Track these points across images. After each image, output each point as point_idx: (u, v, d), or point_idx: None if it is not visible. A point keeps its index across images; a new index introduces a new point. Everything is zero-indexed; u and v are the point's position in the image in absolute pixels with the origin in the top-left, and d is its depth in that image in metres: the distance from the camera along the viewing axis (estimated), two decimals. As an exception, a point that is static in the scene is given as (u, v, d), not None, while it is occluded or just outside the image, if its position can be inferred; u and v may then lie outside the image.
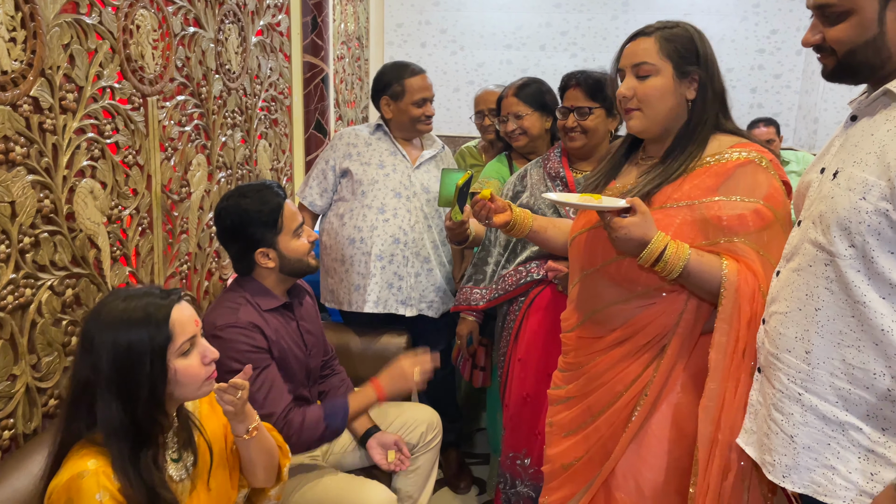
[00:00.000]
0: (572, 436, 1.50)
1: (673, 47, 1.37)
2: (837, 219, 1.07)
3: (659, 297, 1.37)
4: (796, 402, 1.16)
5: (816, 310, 1.12)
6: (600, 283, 1.44)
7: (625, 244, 1.29)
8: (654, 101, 1.37)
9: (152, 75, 1.72)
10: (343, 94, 3.66)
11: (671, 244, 1.28)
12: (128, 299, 1.15)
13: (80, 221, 1.47)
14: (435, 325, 2.36)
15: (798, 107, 4.84)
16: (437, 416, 2.02)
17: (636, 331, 1.39)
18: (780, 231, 1.31)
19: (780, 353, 1.19)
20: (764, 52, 4.78)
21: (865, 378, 1.07)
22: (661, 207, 1.36)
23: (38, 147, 1.34)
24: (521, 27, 4.95)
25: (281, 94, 2.68)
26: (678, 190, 1.36)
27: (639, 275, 1.36)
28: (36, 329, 1.36)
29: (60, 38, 1.38)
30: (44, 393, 1.40)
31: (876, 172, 1.03)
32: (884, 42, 1.05)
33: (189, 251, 1.97)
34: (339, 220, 2.28)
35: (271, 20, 2.54)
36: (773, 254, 1.30)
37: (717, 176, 1.34)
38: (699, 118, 1.38)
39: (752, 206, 1.31)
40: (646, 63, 1.37)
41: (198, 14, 1.95)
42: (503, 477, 2.02)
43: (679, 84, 1.37)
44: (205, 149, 2.04)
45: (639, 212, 1.27)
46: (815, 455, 1.14)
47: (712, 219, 1.32)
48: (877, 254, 1.03)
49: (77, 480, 1.06)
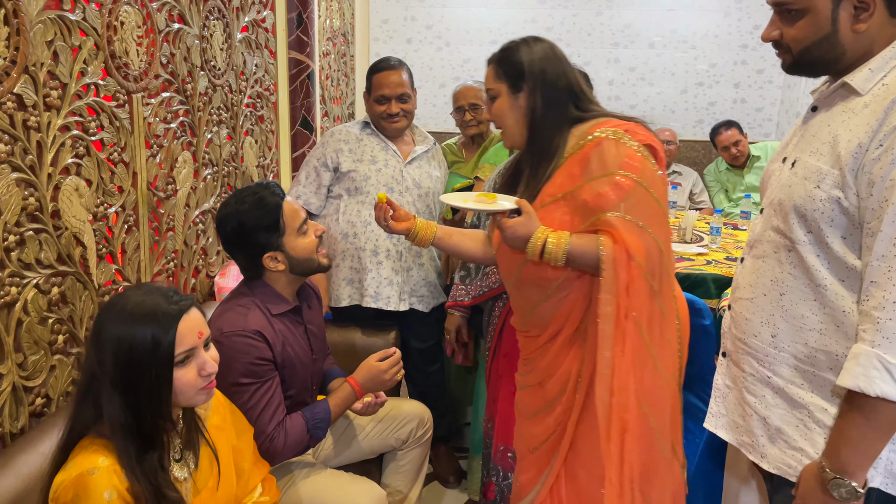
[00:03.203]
0: (534, 419, 1.57)
1: (503, 70, 1.50)
2: (794, 206, 1.12)
3: (571, 286, 1.45)
4: (766, 385, 1.21)
5: (781, 294, 1.17)
6: (523, 288, 1.54)
7: (514, 242, 1.40)
8: (502, 120, 1.52)
9: (137, 72, 1.71)
10: (329, 91, 3.65)
11: (551, 235, 1.38)
12: (143, 295, 1.14)
13: (66, 219, 1.46)
14: (425, 320, 2.37)
15: (781, 101, 4.89)
16: (428, 412, 2.03)
17: (562, 324, 1.47)
18: (645, 194, 1.38)
19: (746, 339, 1.24)
20: (747, 47, 4.82)
21: (828, 360, 1.12)
22: (542, 206, 1.46)
23: (23, 144, 1.33)
24: (506, 23, 4.95)
25: (267, 91, 2.67)
26: (553, 185, 1.46)
27: (545, 271, 1.45)
28: (22, 328, 1.36)
29: (44, 34, 1.37)
30: (30, 392, 1.39)
31: (829, 162, 1.09)
32: (837, 39, 1.10)
33: (176, 248, 1.96)
34: (333, 216, 2.29)
35: (256, 16, 2.53)
36: (641, 216, 1.37)
37: (580, 162, 1.43)
38: (540, 122, 1.48)
39: (611, 180, 1.37)
40: (490, 88, 1.54)
41: (182, 10, 1.94)
42: (495, 469, 2.03)
43: (515, 99, 1.49)
44: (191, 146, 2.03)
45: (524, 211, 1.39)
46: (786, 437, 1.18)
47: (582, 203, 1.41)
48: (831, 239, 1.09)
49: (87, 477, 1.05)
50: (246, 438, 1.42)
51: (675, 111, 4.96)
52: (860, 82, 1.09)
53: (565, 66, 1.50)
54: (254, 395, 1.53)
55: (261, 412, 1.53)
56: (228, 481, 1.30)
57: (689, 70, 4.90)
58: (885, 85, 1.06)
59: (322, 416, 1.64)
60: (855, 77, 1.10)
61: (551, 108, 1.47)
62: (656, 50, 4.90)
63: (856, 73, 1.10)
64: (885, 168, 1.01)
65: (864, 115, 1.06)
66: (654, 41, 4.90)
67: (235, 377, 1.50)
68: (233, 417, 1.40)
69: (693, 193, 4.16)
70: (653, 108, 4.95)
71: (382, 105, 2.25)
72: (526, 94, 1.48)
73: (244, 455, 1.39)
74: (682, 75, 4.92)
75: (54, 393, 1.46)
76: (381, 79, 2.24)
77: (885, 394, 0.98)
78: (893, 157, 1.00)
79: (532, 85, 1.47)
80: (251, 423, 1.48)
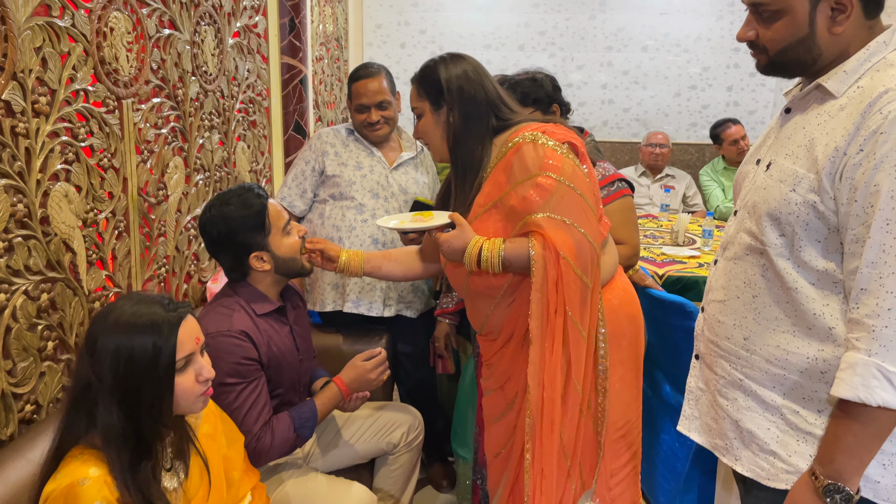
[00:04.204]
0: (498, 423, 1.60)
1: (424, 89, 1.57)
2: (769, 209, 1.12)
3: (517, 291, 1.49)
4: (738, 388, 1.20)
5: (754, 297, 1.17)
6: (473, 298, 1.58)
7: (451, 255, 1.47)
8: (427, 136, 1.59)
9: (127, 78, 1.71)
10: (322, 96, 3.65)
11: (486, 243, 1.44)
12: (137, 304, 1.14)
13: (55, 225, 1.46)
14: (413, 326, 2.37)
15: (773, 104, 4.91)
16: (419, 416, 2.03)
17: (513, 328, 1.51)
18: (568, 191, 1.41)
19: (719, 341, 1.24)
20: (739, 50, 4.84)
21: (799, 362, 1.12)
22: (475, 217, 1.50)
23: (11, 151, 1.32)
24: (499, 27, 4.97)
25: (259, 96, 2.68)
26: (482, 195, 1.51)
27: (489, 279, 1.49)
28: (11, 334, 1.35)
29: (32, 41, 1.37)
30: (20, 399, 1.39)
31: (805, 165, 1.08)
32: (814, 41, 1.09)
33: (167, 254, 1.96)
34: (318, 220, 2.28)
35: (248, 22, 2.53)
36: (567, 213, 1.40)
37: (504, 170, 1.47)
38: (461, 135, 1.53)
39: (533, 182, 1.41)
40: (415, 107, 1.60)
41: (173, 16, 1.94)
42: (480, 473, 2.03)
43: (437, 115, 1.56)
44: (182, 151, 2.03)
45: (458, 224, 1.46)
46: (758, 440, 1.18)
47: (511, 208, 1.44)
48: (804, 242, 1.08)
49: (77, 487, 1.04)
50: (236, 447, 1.42)
51: (668, 114, 4.98)
52: (835, 85, 1.09)
53: (483, 79, 1.55)
54: (240, 395, 1.54)
55: (247, 412, 1.54)
56: (218, 491, 1.30)
57: (682, 73, 4.92)
58: (860, 87, 1.06)
59: (308, 415, 1.65)
60: (829, 80, 1.09)
61: (470, 121, 1.52)
62: (649, 53, 4.92)
63: (830, 76, 1.10)
64: (867, 173, 1.00)
65: (840, 118, 1.06)
66: (647, 45, 4.91)
67: (221, 377, 1.51)
68: (224, 426, 1.40)
69: (686, 196, 4.18)
70: (646, 111, 4.97)
71: (363, 114, 2.24)
72: (446, 111, 1.53)
73: (234, 464, 1.39)
74: (675, 79, 4.94)
75: (44, 400, 1.45)
76: (359, 87, 2.22)
77: (887, 403, 0.97)
78: (876, 163, 0.99)
79: (451, 101, 1.52)
80: (237, 423, 1.48)
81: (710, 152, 4.82)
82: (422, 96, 1.57)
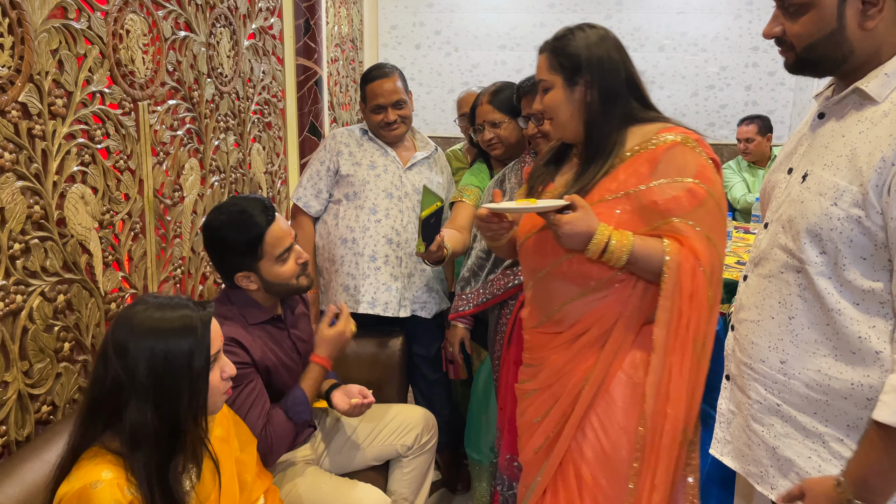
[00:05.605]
0: (541, 422, 1.52)
1: (558, 61, 1.41)
2: (808, 225, 1.04)
3: (612, 287, 1.39)
4: (775, 414, 1.13)
5: (790, 318, 1.09)
6: (553, 283, 1.46)
7: (570, 240, 1.31)
8: (555, 112, 1.43)
9: (143, 80, 1.72)
10: (337, 97, 3.66)
11: (615, 234, 1.31)
12: (161, 308, 1.15)
13: (72, 227, 1.47)
14: (427, 326, 2.36)
15: (793, 104, 4.85)
16: (433, 418, 2.02)
17: (591, 324, 1.41)
18: (715, 207, 1.33)
19: (753, 363, 1.16)
20: (758, 49, 4.79)
21: (843, 388, 1.04)
22: (601, 200, 1.38)
23: (28, 153, 1.33)
24: (515, 28, 4.95)
25: (274, 98, 2.68)
26: (615, 181, 1.38)
27: (590, 269, 1.38)
28: (27, 335, 1.36)
29: (49, 43, 1.37)
30: (36, 399, 1.40)
31: (847, 177, 1.00)
32: (844, 36, 1.02)
33: (183, 255, 1.97)
34: (332, 220, 2.28)
35: (263, 23, 2.54)
36: (710, 229, 1.32)
37: (649, 162, 1.36)
38: (599, 117, 1.40)
39: (685, 186, 1.32)
40: (542, 80, 1.44)
41: (188, 18, 1.95)
42: (501, 479, 2.01)
43: (571, 92, 1.40)
44: (197, 153, 2.03)
45: (579, 207, 1.30)
46: (797, 469, 1.11)
47: (649, 204, 1.34)
48: (848, 261, 1.01)
49: (89, 490, 1.04)
50: (249, 450, 1.42)
51: (685, 114, 4.93)
52: (876, 89, 1.01)
53: (626, 58, 1.43)
54: (238, 397, 1.55)
55: (247, 413, 1.56)
56: (231, 493, 1.30)
57: (700, 73, 4.88)
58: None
59: (298, 398, 1.66)
60: (870, 83, 1.02)
61: (609, 103, 1.40)
62: (666, 53, 4.87)
63: (870, 79, 1.02)
64: None
65: (884, 125, 0.98)
66: (664, 44, 4.87)
67: None
68: (236, 429, 1.40)
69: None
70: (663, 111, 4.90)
71: (379, 114, 2.23)
72: (582, 89, 1.40)
73: (247, 467, 1.39)
74: (692, 78, 4.89)
75: (60, 401, 1.46)
76: (374, 88, 2.22)
77: None
78: None
79: (590, 79, 1.39)
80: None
81: (727, 152, 4.77)
82: (555, 69, 1.41)
